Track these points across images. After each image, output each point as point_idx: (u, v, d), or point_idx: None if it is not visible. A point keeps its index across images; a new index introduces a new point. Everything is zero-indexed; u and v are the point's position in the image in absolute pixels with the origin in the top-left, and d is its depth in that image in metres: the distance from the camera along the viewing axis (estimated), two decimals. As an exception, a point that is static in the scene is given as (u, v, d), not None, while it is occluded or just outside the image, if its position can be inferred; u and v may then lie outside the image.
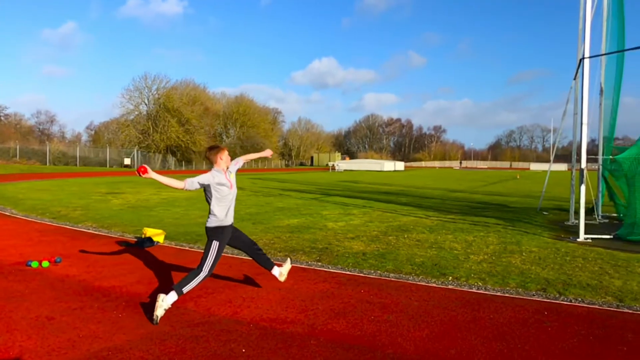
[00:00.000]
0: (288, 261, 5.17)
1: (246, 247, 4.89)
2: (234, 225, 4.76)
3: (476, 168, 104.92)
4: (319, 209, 13.31)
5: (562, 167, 69.23)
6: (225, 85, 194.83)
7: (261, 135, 77.81)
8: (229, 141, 74.95)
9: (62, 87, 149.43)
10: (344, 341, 3.74)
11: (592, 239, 8.63)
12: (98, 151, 57.04)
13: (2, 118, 69.18)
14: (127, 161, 54.99)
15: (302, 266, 6.37)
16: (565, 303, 4.87)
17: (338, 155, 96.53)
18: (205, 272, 4.40)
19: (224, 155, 4.57)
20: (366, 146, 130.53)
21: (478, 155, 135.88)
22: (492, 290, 5.30)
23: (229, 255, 6.78)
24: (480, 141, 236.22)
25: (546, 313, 4.52)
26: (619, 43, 10.88)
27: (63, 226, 9.65)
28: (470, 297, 5.03)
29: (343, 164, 73.53)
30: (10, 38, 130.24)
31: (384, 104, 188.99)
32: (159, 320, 4.07)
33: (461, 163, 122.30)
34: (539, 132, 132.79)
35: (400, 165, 77.90)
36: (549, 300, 4.96)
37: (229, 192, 4.54)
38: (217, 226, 4.51)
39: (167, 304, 4.15)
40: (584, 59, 9.18)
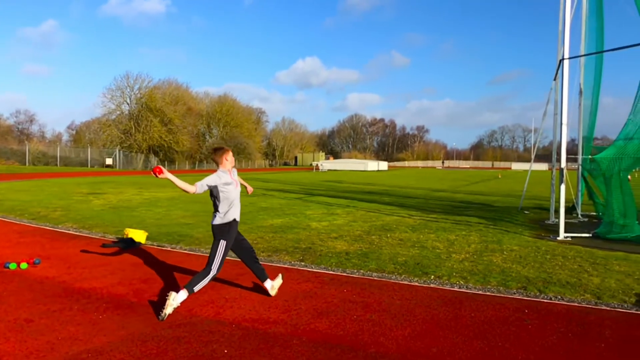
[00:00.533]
0: (280, 277, 5.18)
1: (244, 255, 4.92)
2: (239, 231, 4.80)
3: (458, 168, 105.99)
4: (302, 209, 13.31)
5: (543, 166, 70.40)
6: (209, 85, 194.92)
7: (245, 135, 77.52)
8: (212, 141, 74.49)
9: (43, 86, 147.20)
10: (326, 341, 3.74)
11: (571, 237, 8.77)
12: (79, 151, 56.19)
13: (-21, 117, 67.84)
14: (109, 161, 54.39)
15: (285, 266, 6.36)
16: (545, 301, 4.95)
17: (322, 155, 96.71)
18: (214, 271, 4.50)
19: (229, 156, 4.72)
20: (350, 146, 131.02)
21: (460, 155, 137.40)
22: (474, 289, 5.36)
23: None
24: (463, 141, 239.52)
25: (526, 311, 4.58)
26: (597, 44, 10.93)
27: (43, 227, 9.48)
28: (452, 296, 5.07)
29: (327, 164, 73.67)
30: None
31: (367, 104, 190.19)
32: (165, 318, 4.16)
33: (444, 163, 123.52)
34: (520, 132, 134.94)
35: (383, 165, 78.33)
36: (529, 299, 5.03)
37: (234, 190, 4.66)
38: (224, 223, 4.60)
39: (177, 303, 4.26)
40: (563, 60, 9.33)
